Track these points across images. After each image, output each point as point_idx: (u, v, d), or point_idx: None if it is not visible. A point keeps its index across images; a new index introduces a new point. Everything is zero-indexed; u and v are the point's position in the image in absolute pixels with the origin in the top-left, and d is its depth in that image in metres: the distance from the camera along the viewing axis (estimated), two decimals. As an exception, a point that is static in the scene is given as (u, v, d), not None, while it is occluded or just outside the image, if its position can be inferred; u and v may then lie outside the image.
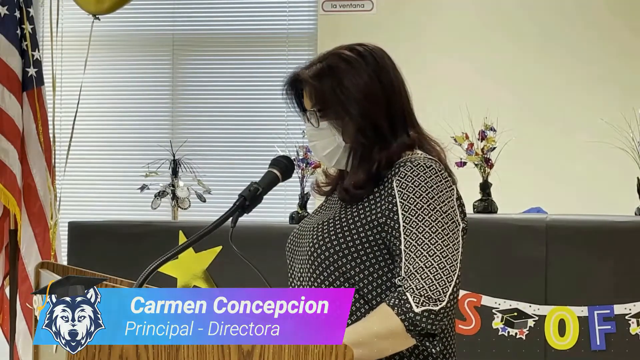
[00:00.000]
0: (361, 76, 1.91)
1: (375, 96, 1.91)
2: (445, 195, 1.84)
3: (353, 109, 1.90)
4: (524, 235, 3.52)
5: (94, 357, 1.50)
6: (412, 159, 1.87)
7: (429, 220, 1.81)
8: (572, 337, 3.45)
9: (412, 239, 1.80)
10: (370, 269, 1.86)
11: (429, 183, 1.83)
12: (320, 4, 5.44)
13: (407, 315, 1.74)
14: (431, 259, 1.78)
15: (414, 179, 1.84)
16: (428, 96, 5.00)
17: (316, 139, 1.96)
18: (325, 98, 1.92)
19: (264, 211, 3.17)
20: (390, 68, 1.96)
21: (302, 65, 1.98)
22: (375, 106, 1.91)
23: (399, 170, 1.86)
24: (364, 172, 1.90)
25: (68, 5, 4.81)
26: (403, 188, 1.84)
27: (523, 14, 5.25)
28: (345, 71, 1.91)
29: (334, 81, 1.91)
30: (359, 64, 1.92)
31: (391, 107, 1.92)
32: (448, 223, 1.82)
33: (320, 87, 1.92)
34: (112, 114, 5.72)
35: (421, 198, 1.82)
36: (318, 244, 1.89)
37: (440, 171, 1.86)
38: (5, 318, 4.27)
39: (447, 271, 1.78)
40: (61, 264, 2.19)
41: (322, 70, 1.93)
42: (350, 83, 1.91)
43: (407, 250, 1.80)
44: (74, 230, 4.05)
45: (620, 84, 5.08)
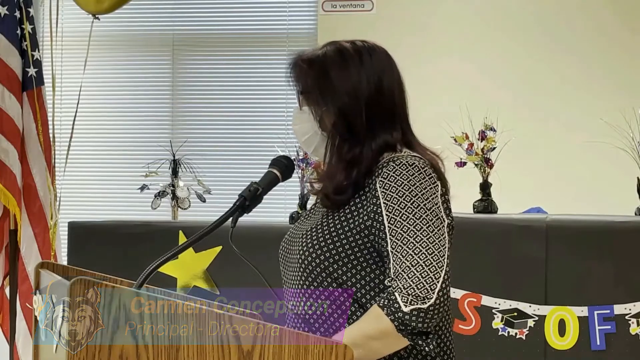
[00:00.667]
0: (349, 72, 1.91)
1: (357, 94, 1.90)
2: (429, 192, 1.83)
3: (331, 102, 1.91)
4: (524, 235, 3.52)
5: (94, 357, 1.50)
6: (394, 158, 1.87)
7: (413, 218, 1.80)
8: (572, 337, 3.45)
9: (398, 238, 1.80)
10: (362, 273, 1.86)
11: (412, 181, 1.83)
12: (320, 4, 5.44)
13: (396, 315, 1.74)
14: (417, 257, 1.77)
15: (396, 178, 1.83)
16: (428, 96, 5.00)
17: (297, 122, 1.98)
18: (309, 83, 1.94)
19: (264, 211, 3.16)
20: (386, 69, 1.95)
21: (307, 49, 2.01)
22: (354, 104, 1.90)
23: (382, 170, 1.85)
24: (341, 173, 1.89)
25: (68, 5, 4.81)
26: (386, 189, 1.83)
27: (523, 14, 5.25)
28: (335, 63, 1.92)
29: (321, 69, 1.93)
30: (351, 60, 1.93)
31: (374, 109, 1.91)
32: (432, 220, 1.81)
33: (308, 71, 1.94)
34: (112, 114, 5.72)
35: (404, 197, 1.81)
36: (308, 250, 1.89)
37: (424, 168, 1.85)
38: (5, 318, 4.27)
39: (433, 268, 1.77)
40: (61, 264, 2.19)
41: (316, 56, 1.95)
42: (336, 76, 1.91)
43: (394, 251, 1.80)
44: (74, 230, 4.05)
45: (620, 84, 5.08)
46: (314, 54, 1.96)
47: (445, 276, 1.78)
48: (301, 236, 1.93)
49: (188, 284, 3.85)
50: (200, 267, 3.84)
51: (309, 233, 1.91)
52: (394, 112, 1.95)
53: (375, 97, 1.92)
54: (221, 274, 3.81)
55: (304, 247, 1.90)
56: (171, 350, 1.53)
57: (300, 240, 1.93)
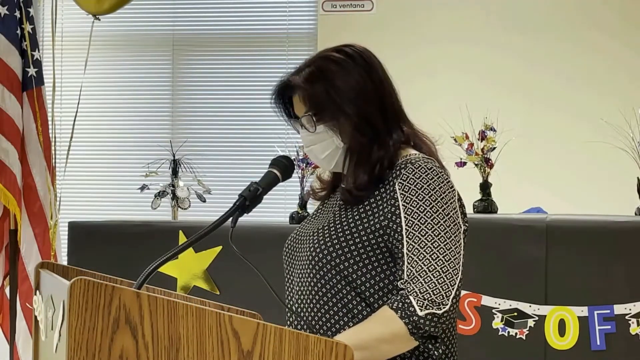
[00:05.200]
0: (352, 76, 1.92)
1: (368, 94, 1.92)
2: (448, 197, 1.85)
3: (348, 109, 1.90)
4: (524, 235, 3.52)
5: (94, 357, 1.50)
6: (412, 160, 1.87)
7: (432, 223, 1.81)
8: (572, 337, 3.45)
9: (415, 242, 1.80)
10: (372, 272, 1.86)
11: (432, 185, 1.84)
12: (320, 4, 5.44)
13: (410, 318, 1.74)
14: (434, 262, 1.78)
15: (417, 182, 1.84)
16: (428, 96, 5.00)
17: (313, 143, 1.96)
18: (319, 101, 1.92)
19: (264, 211, 3.16)
20: (378, 67, 1.97)
21: (288, 72, 1.98)
22: (369, 104, 1.91)
23: (401, 172, 1.86)
24: (365, 173, 1.90)
25: (68, 5, 4.81)
26: (405, 191, 1.83)
27: (523, 13, 5.25)
28: (335, 72, 1.92)
29: (326, 83, 1.91)
30: (348, 64, 1.93)
31: (383, 104, 1.93)
32: (450, 226, 1.82)
33: (313, 90, 1.92)
34: (112, 114, 5.72)
35: (424, 201, 1.82)
36: (319, 248, 1.89)
37: (441, 172, 1.87)
38: (5, 318, 4.27)
39: (449, 274, 1.77)
40: (61, 264, 2.19)
41: (313, 74, 1.93)
42: (342, 83, 1.91)
43: (410, 253, 1.80)
44: (74, 230, 4.05)
45: (621, 83, 5.08)
46: (309, 72, 1.93)
47: (460, 283, 1.79)
48: (312, 234, 1.94)
49: (188, 284, 3.85)
50: (200, 267, 3.84)
51: (321, 231, 1.91)
52: (395, 104, 1.97)
53: (380, 92, 1.94)
54: (221, 274, 3.81)
55: (316, 244, 1.90)
56: (171, 350, 1.53)
57: (310, 238, 1.93)
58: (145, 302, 1.52)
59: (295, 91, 1.96)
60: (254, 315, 1.94)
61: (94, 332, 1.50)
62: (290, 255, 2.01)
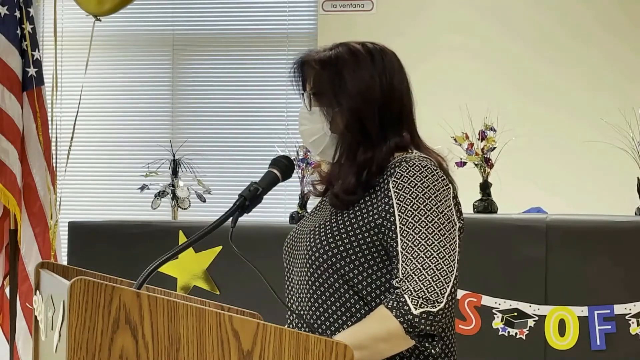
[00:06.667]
0: (362, 72, 1.92)
1: (370, 96, 1.91)
2: (442, 195, 1.84)
3: (344, 102, 1.91)
4: (524, 235, 3.52)
5: (94, 357, 1.50)
6: (406, 159, 1.87)
7: (426, 220, 1.81)
8: (572, 337, 3.45)
9: (409, 240, 1.80)
10: (369, 271, 1.86)
11: (425, 183, 1.83)
12: (320, 4, 5.44)
13: (405, 317, 1.74)
14: (428, 260, 1.78)
15: (410, 180, 1.83)
16: (428, 96, 4.99)
17: (306, 123, 1.98)
18: (322, 83, 1.94)
19: (264, 211, 3.16)
20: (396, 71, 1.96)
21: (314, 49, 2.01)
22: (368, 105, 1.91)
23: (395, 170, 1.86)
24: (352, 175, 1.90)
25: (68, 5, 4.81)
26: (399, 189, 1.83)
27: (524, 13, 5.25)
28: (348, 63, 1.93)
29: (335, 70, 1.93)
30: (364, 61, 1.93)
31: (388, 110, 1.92)
32: (445, 223, 1.82)
33: (320, 71, 1.94)
34: (112, 114, 5.72)
35: (417, 198, 1.82)
36: (316, 247, 1.89)
37: (436, 170, 1.86)
38: (5, 318, 4.27)
39: (444, 272, 1.77)
40: (61, 264, 2.19)
41: (329, 57, 1.95)
42: (349, 76, 1.92)
43: (404, 252, 1.80)
44: (74, 230, 4.05)
45: (621, 83, 5.08)
46: (326, 55, 1.95)
47: (455, 280, 1.79)
48: (308, 233, 1.94)
49: (188, 284, 3.85)
50: (200, 267, 3.84)
51: (317, 229, 1.91)
52: (403, 114, 1.96)
53: (387, 98, 1.93)
54: (221, 274, 3.81)
55: (312, 243, 1.90)
56: (171, 350, 1.53)
57: (307, 237, 1.93)
58: (145, 302, 1.52)
59: (307, 67, 1.98)
60: (254, 315, 1.94)
61: (94, 332, 1.50)
62: (290, 253, 2.01)
